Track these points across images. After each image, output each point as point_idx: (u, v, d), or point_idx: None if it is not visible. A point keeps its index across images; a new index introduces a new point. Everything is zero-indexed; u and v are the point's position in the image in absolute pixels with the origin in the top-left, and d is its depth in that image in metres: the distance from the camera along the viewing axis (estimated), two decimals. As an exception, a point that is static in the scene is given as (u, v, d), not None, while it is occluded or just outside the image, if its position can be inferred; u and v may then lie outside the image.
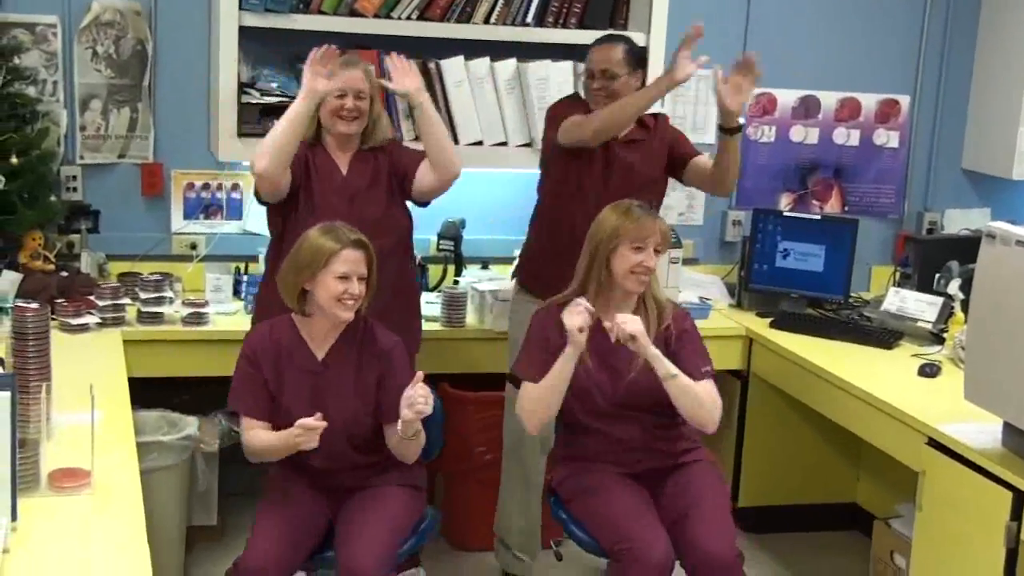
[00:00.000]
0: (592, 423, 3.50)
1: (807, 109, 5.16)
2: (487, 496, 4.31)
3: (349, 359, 3.37)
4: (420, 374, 3.19)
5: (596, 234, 3.46)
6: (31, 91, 4.30)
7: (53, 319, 3.78)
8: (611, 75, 3.88)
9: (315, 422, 3.11)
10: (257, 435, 3.31)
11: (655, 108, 4.04)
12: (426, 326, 4.13)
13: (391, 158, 3.80)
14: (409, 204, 3.87)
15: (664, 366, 3.32)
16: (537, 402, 3.41)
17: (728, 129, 3.84)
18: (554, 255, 3.89)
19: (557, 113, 3.97)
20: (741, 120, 3.79)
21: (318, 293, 3.22)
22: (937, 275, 4.64)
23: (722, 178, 3.98)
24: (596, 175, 3.93)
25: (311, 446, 3.15)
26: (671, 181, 4.14)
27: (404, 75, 3.72)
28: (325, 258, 3.18)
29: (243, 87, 4.35)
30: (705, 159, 4.04)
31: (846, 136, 5.23)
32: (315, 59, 3.58)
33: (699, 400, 3.38)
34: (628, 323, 3.28)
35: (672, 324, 3.50)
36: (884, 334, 4.46)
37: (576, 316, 3.27)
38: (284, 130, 3.58)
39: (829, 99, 5.19)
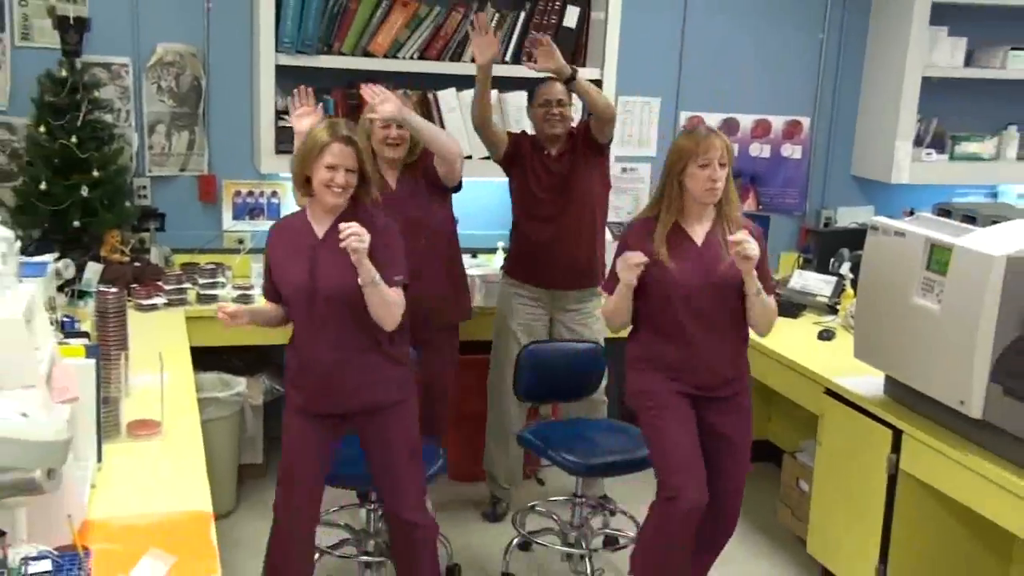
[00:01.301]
0: (673, 327, 3.18)
1: (729, 129, 5.15)
2: (477, 439, 4.32)
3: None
4: (351, 225, 2.90)
5: (669, 158, 3.18)
6: (108, 118, 4.26)
7: (129, 301, 3.78)
8: (563, 103, 3.96)
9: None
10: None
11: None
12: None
13: (424, 164, 3.75)
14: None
15: (755, 283, 3.09)
16: (612, 312, 3.25)
17: (565, 80, 3.83)
18: (525, 251, 4.06)
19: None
20: (568, 71, 3.79)
21: (314, 180, 2.99)
22: (832, 259, 4.65)
23: (594, 103, 3.87)
24: (542, 186, 4.00)
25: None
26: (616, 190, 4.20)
27: (383, 103, 3.53)
28: (318, 149, 2.95)
29: (279, 114, 4.31)
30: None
31: (759, 150, 5.22)
32: (294, 103, 3.62)
33: (772, 312, 3.19)
34: (750, 248, 3.00)
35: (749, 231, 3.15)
36: (791, 307, 4.46)
37: (627, 272, 3.11)
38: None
39: (746, 120, 5.18)
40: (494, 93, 4.52)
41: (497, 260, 4.58)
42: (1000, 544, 3.41)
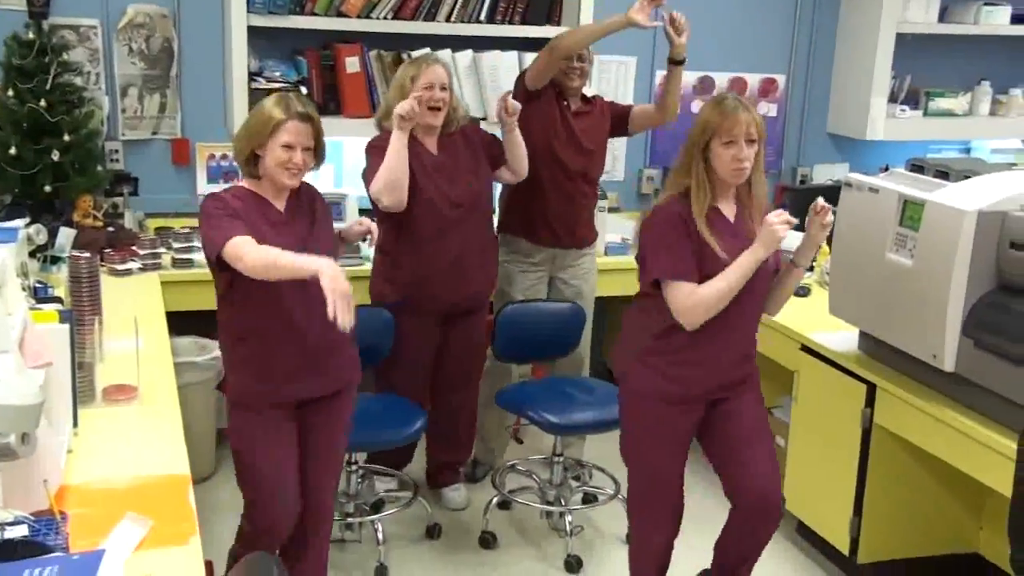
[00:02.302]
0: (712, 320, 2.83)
1: (704, 87, 5.13)
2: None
3: (303, 214, 2.90)
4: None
5: (692, 132, 2.84)
6: (78, 81, 4.20)
7: (102, 266, 3.75)
8: (584, 58, 3.90)
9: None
10: (258, 248, 2.64)
11: (589, 92, 4.07)
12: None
13: (470, 139, 3.71)
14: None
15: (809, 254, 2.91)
16: (718, 301, 2.78)
17: (676, 61, 3.86)
18: (532, 206, 3.94)
19: (518, 83, 3.96)
20: (684, 55, 3.83)
21: (267, 159, 2.76)
22: (807, 217, 4.65)
23: (671, 104, 3.97)
24: (558, 136, 3.90)
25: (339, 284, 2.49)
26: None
27: (501, 113, 3.64)
28: (272, 127, 2.73)
29: (252, 76, 4.26)
30: (641, 106, 4.16)
31: (735, 108, 5.21)
32: (399, 115, 3.45)
33: (792, 289, 3.00)
34: (784, 232, 2.75)
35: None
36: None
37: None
38: (395, 166, 3.48)
39: (722, 78, 5.16)
40: (469, 52, 4.49)
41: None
42: (972, 496, 3.46)
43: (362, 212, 4.43)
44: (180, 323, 3.86)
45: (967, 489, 3.39)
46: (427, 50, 4.16)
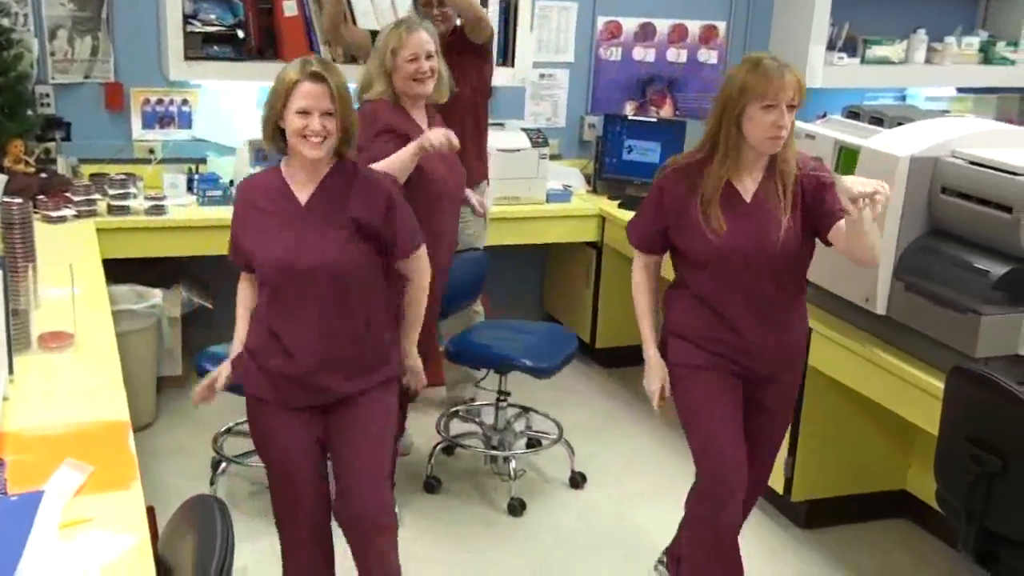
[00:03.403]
0: (715, 301, 2.67)
1: (645, 34, 5.13)
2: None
3: (336, 201, 2.52)
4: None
5: (723, 92, 2.56)
6: (5, 22, 4.07)
7: (36, 213, 3.68)
8: (443, 2, 3.75)
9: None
10: (240, 299, 2.70)
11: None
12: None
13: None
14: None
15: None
16: (634, 292, 2.85)
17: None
18: None
19: None
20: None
21: (287, 130, 2.46)
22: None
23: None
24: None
25: None
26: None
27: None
28: (286, 91, 2.43)
29: (187, 18, 4.18)
30: None
31: (676, 55, 5.22)
32: (425, 147, 3.12)
33: (876, 234, 2.56)
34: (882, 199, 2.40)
35: (803, 175, 2.62)
36: (706, 211, 4.51)
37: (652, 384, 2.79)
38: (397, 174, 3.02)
39: (663, 25, 5.16)
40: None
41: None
42: (901, 435, 3.56)
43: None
44: (117, 271, 3.80)
45: (896, 429, 3.49)
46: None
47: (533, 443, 4.09)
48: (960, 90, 5.55)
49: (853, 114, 3.91)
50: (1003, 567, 2.63)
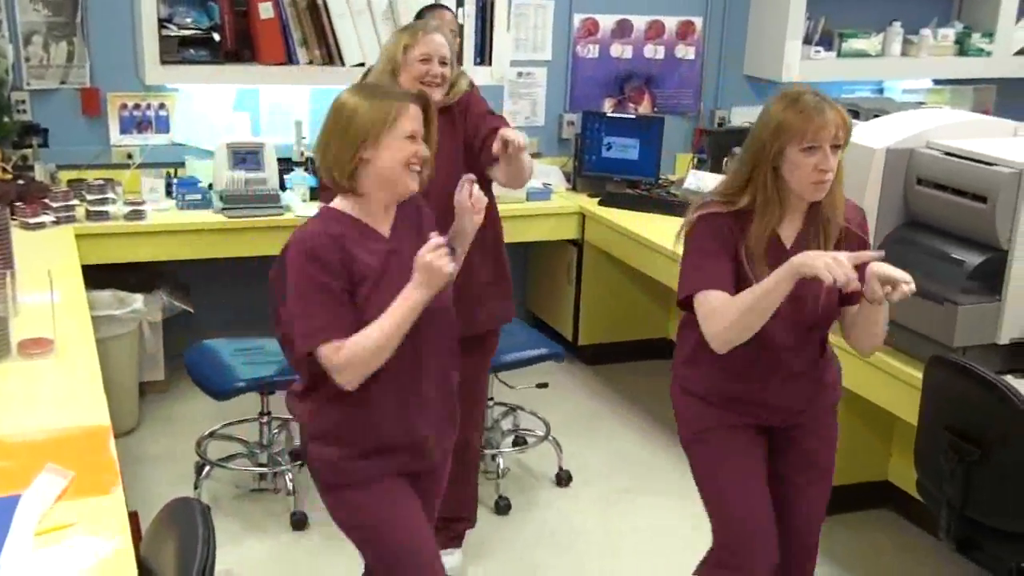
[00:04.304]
0: (744, 360, 2.35)
1: (623, 30, 5.15)
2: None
3: (410, 233, 2.30)
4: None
5: (758, 133, 2.29)
6: (-21, 29, 4.06)
7: (14, 220, 3.66)
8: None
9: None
10: (357, 343, 2.15)
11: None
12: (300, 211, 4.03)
13: (465, 114, 3.00)
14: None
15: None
16: (743, 316, 2.24)
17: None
18: None
19: None
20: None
21: (380, 161, 2.17)
22: (726, 159, 4.72)
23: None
24: None
25: (448, 270, 2.14)
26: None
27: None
28: (393, 117, 2.16)
29: (162, 22, 4.16)
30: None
31: (654, 51, 5.24)
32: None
33: (885, 325, 2.36)
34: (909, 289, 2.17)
35: (848, 229, 2.36)
36: (685, 206, 4.47)
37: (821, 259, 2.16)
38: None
39: (640, 22, 5.17)
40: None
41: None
42: (884, 426, 3.59)
43: (281, 161, 4.40)
44: (97, 276, 3.80)
45: (878, 420, 3.51)
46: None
47: (519, 441, 4.10)
48: (936, 82, 5.59)
49: (829, 107, 3.93)
50: (983, 554, 2.66)
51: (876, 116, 3.38)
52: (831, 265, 2.11)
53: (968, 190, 2.78)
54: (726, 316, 2.26)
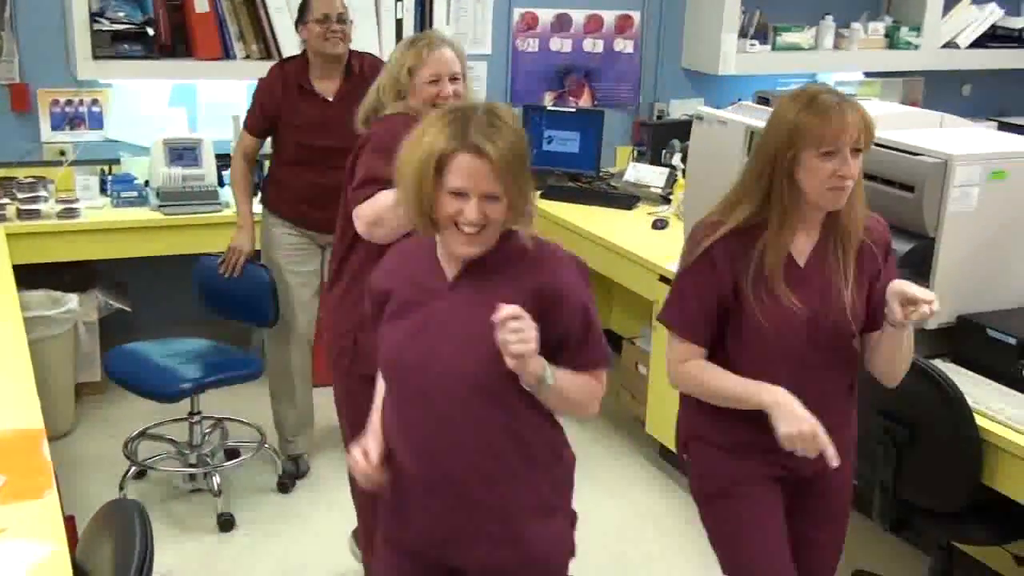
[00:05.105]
0: (775, 372, 2.12)
1: (562, 24, 5.16)
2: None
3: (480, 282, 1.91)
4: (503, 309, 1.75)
5: (770, 139, 2.10)
6: (-97, 24, 3.95)
7: (-59, 219, 3.58)
8: (344, 19, 3.50)
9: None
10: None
11: (366, 48, 3.77)
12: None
13: None
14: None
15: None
16: (698, 388, 2.20)
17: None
18: (300, 188, 3.57)
19: None
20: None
21: (436, 209, 1.83)
22: (664, 151, 4.77)
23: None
24: (320, 138, 3.47)
25: None
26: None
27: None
28: (434, 162, 1.80)
29: (93, 16, 4.09)
30: None
31: (593, 45, 5.26)
32: None
33: (910, 351, 2.21)
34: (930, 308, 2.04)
35: (868, 241, 2.18)
36: (626, 198, 4.57)
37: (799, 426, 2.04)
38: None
39: (579, 15, 5.19)
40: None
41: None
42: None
43: (219, 157, 4.34)
44: (29, 276, 3.73)
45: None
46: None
47: (233, 453, 3.90)
48: (868, 74, 5.68)
49: (763, 100, 3.98)
50: (914, 533, 2.72)
51: (809, 108, 3.43)
52: (796, 439, 2.01)
53: (896, 179, 2.83)
54: (686, 379, 2.22)
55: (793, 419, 2.03)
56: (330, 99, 3.55)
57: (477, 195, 1.79)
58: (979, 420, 2.49)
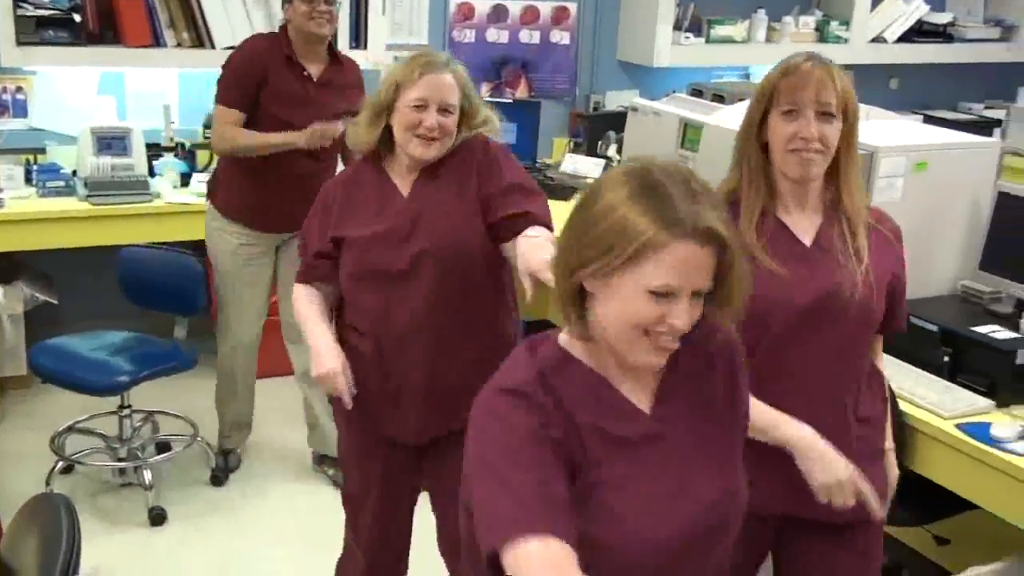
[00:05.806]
0: (771, 371, 1.90)
1: (498, 15, 5.16)
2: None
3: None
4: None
5: (751, 102, 2.00)
6: None
7: None
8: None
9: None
10: None
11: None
12: (201, 200, 3.83)
13: (479, 175, 2.39)
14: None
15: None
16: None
17: None
18: (254, 189, 3.48)
19: None
20: None
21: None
22: (600, 142, 4.80)
23: None
24: (301, 117, 3.36)
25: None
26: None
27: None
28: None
29: (17, 1, 3.98)
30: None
31: (529, 36, 5.27)
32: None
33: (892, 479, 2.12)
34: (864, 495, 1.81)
35: (872, 232, 2.01)
36: (563, 189, 4.57)
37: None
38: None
39: (515, 6, 5.20)
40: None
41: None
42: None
43: (149, 147, 4.27)
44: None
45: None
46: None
47: (165, 447, 3.87)
48: (800, 68, 5.78)
49: (697, 92, 4.03)
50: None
51: (742, 100, 3.48)
52: (835, 488, 1.76)
53: (826, 171, 2.88)
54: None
55: (831, 466, 1.75)
56: (315, 79, 3.45)
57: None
58: (903, 406, 2.55)
